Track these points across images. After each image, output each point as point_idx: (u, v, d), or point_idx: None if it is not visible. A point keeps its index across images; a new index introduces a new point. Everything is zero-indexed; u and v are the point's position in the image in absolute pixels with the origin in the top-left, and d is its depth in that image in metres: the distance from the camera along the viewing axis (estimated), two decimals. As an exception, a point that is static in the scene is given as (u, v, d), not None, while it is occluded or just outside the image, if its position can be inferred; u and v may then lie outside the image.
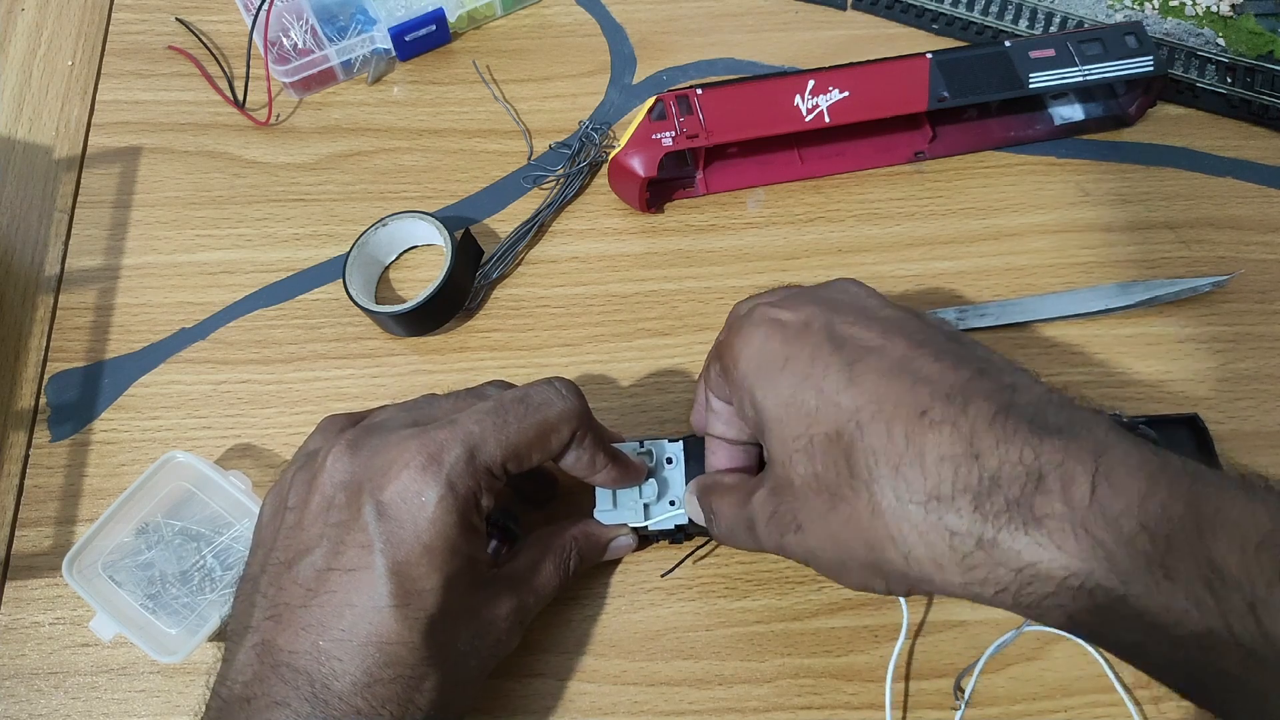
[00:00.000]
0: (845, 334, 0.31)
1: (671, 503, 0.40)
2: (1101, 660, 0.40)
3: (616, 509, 0.40)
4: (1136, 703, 0.39)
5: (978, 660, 0.40)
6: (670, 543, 0.42)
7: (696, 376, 0.46)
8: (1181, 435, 0.41)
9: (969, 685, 0.39)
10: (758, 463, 0.39)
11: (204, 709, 0.33)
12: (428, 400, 0.37)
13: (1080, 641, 0.40)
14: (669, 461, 0.40)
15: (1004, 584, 0.26)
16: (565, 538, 0.39)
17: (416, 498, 0.32)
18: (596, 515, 0.40)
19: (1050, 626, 0.27)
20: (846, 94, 0.48)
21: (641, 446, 0.40)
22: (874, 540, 0.29)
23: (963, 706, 0.39)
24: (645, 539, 0.42)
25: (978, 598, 0.27)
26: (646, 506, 0.40)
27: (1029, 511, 0.26)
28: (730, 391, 0.35)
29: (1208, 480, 0.26)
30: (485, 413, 0.34)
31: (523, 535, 0.40)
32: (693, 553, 0.42)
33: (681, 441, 0.41)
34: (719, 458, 0.39)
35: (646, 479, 0.40)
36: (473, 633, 0.34)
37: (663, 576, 0.42)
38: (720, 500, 0.37)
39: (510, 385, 0.38)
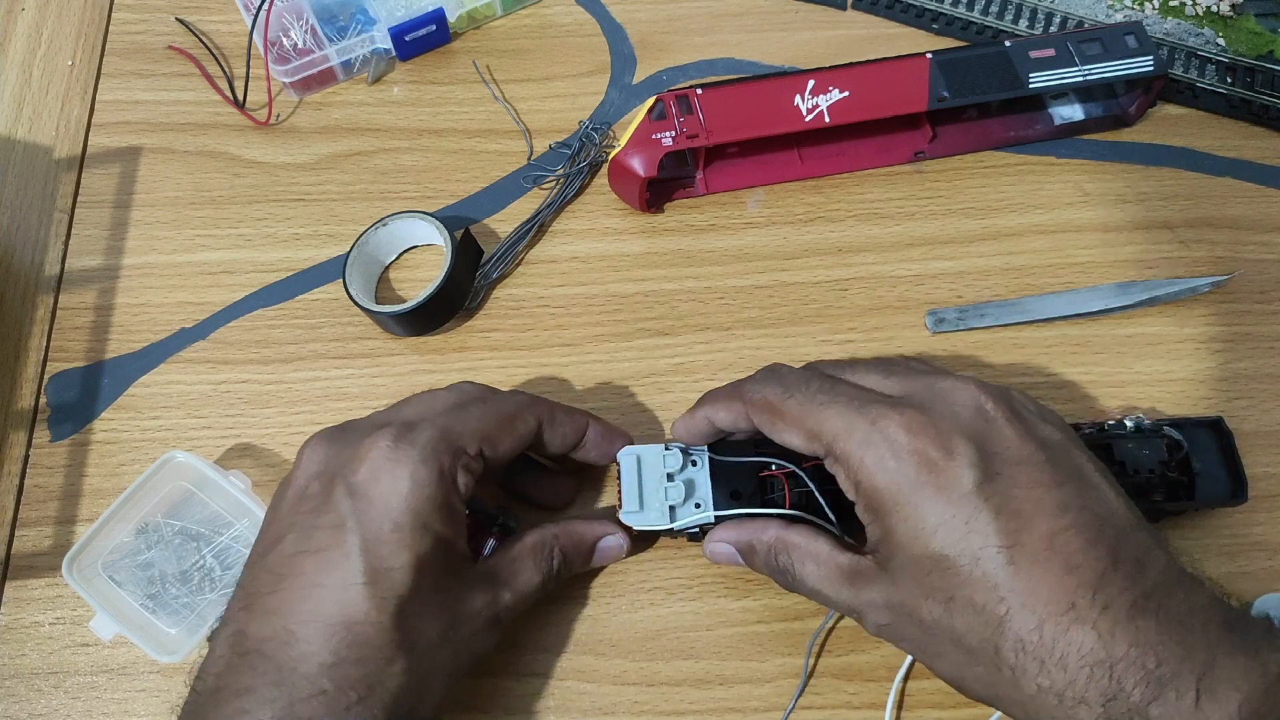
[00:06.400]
0: (1000, 495, 0.31)
1: (697, 504, 0.40)
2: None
3: (642, 511, 0.40)
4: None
5: None
6: (689, 540, 0.42)
7: (696, 383, 0.46)
8: (1205, 438, 0.41)
9: None
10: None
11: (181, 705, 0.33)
12: (398, 403, 0.39)
13: None
14: (694, 463, 0.40)
15: None
16: (545, 535, 0.39)
17: (389, 475, 0.33)
18: (622, 516, 0.40)
19: None
20: (846, 94, 0.48)
21: (667, 449, 0.40)
22: (1005, 696, 0.32)
23: None
24: (643, 539, 0.42)
25: None
26: (672, 508, 0.40)
27: (1144, 714, 0.29)
28: (855, 498, 0.34)
29: None
30: (451, 404, 0.37)
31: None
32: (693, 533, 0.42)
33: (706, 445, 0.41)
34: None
35: (672, 481, 0.40)
36: (446, 622, 0.34)
37: (674, 536, 0.42)
38: (810, 565, 0.36)
39: (479, 385, 0.40)
